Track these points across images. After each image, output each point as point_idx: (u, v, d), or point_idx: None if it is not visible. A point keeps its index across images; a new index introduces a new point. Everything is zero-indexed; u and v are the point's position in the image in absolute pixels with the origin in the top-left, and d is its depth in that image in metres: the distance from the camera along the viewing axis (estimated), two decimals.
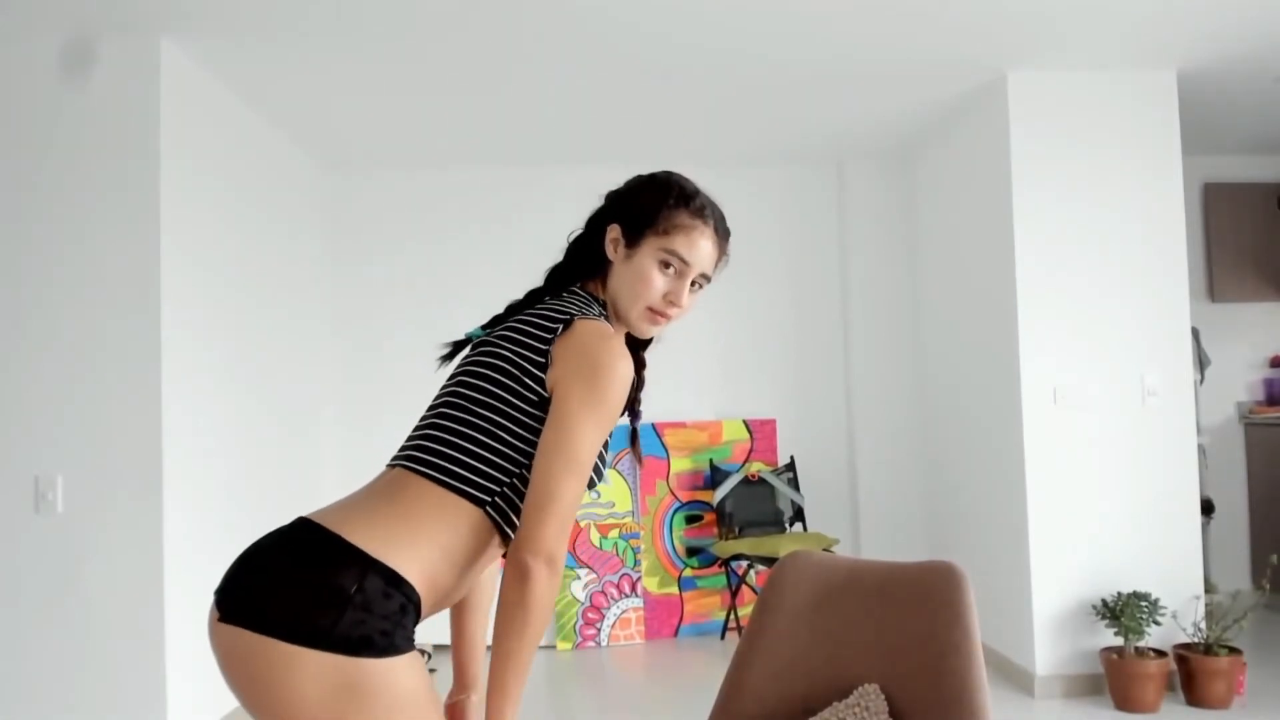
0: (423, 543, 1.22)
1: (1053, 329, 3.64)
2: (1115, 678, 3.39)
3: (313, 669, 1.12)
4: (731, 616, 4.63)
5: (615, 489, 4.71)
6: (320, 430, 4.57)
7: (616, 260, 1.42)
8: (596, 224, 1.48)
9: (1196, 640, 3.47)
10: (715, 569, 4.74)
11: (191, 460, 3.16)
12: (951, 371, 4.42)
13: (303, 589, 1.16)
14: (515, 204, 4.85)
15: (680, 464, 4.80)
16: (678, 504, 4.78)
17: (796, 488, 4.74)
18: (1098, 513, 3.61)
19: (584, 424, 1.25)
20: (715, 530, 4.74)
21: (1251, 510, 4.95)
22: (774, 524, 4.63)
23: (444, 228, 4.82)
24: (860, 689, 1.57)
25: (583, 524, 4.64)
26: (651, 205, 1.41)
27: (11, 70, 3.00)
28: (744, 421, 4.87)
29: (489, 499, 1.28)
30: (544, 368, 1.30)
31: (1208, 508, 4.50)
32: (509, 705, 1.20)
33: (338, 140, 4.20)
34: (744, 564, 4.57)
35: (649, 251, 1.39)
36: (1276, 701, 3.42)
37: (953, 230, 4.36)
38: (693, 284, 1.43)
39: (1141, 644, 3.46)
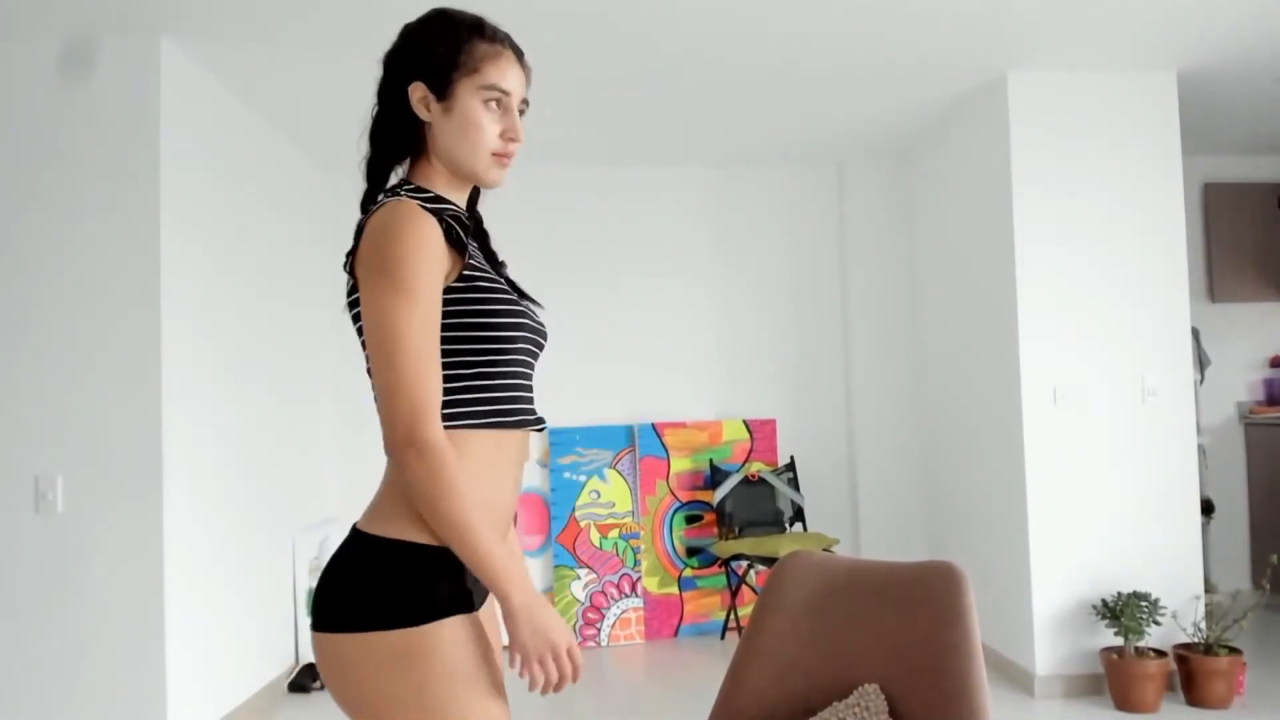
0: (400, 498, 1.23)
1: (1053, 329, 3.64)
2: (1115, 678, 3.39)
3: (355, 651, 1.19)
4: (731, 616, 4.63)
5: (615, 489, 4.71)
6: (320, 429, 4.57)
7: (433, 118, 1.31)
8: (391, 92, 1.33)
9: (1196, 640, 3.47)
10: (715, 569, 4.74)
11: (191, 460, 3.16)
12: (951, 371, 4.42)
13: (327, 581, 1.24)
14: (514, 203, 4.85)
15: (680, 464, 4.80)
16: (678, 504, 4.78)
17: (796, 488, 4.74)
18: (1098, 513, 3.61)
19: (383, 308, 1.19)
20: (715, 530, 4.74)
21: (1251, 510, 4.95)
22: (774, 524, 4.63)
23: None
24: (860, 689, 1.57)
25: (583, 524, 4.65)
26: (448, 47, 1.30)
27: (11, 70, 3.00)
28: (744, 421, 4.87)
29: None
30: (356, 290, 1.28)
31: (1208, 508, 4.50)
32: (499, 582, 1.18)
33: (337, 140, 4.20)
34: (744, 564, 4.57)
35: (467, 95, 1.29)
36: (1276, 701, 3.42)
37: (953, 230, 4.36)
38: (520, 115, 1.35)
39: (1141, 644, 3.46)
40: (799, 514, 4.70)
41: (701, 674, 4.05)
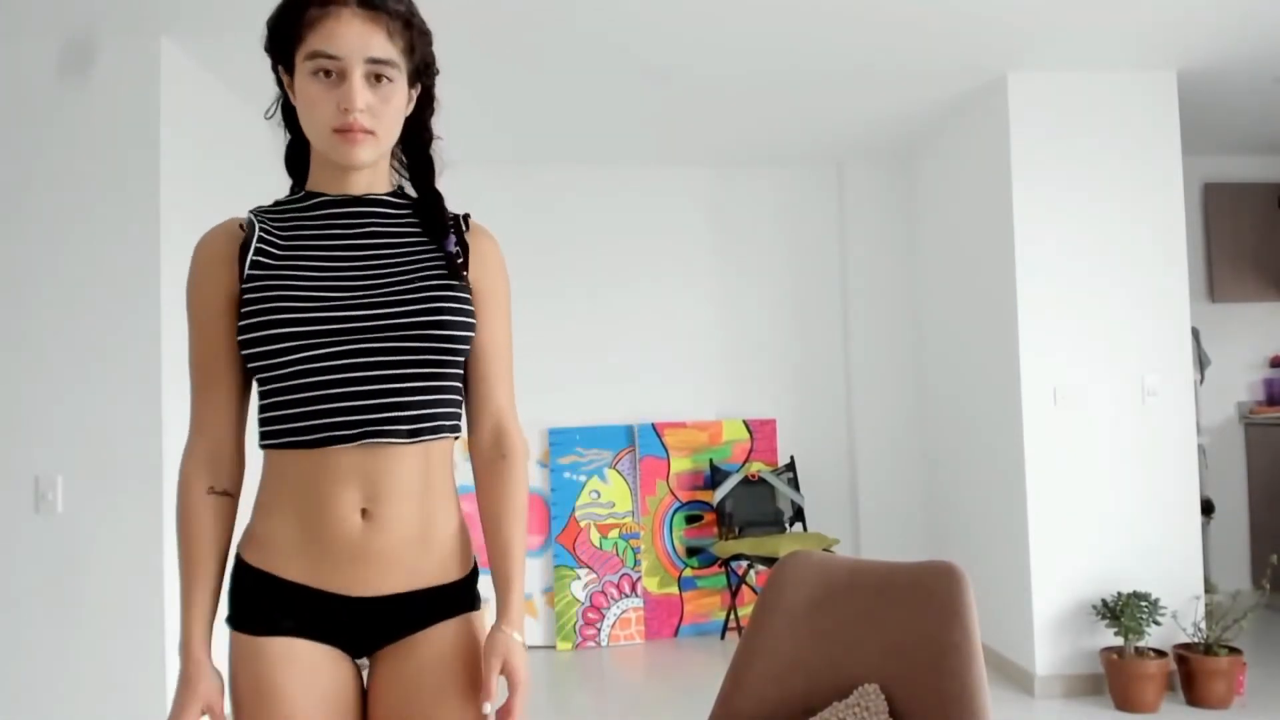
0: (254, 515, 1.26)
1: (1053, 329, 3.64)
2: (1115, 678, 3.39)
3: None
4: (731, 616, 4.63)
5: (615, 489, 4.71)
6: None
7: (296, 102, 1.23)
8: (278, 80, 1.29)
9: (1196, 640, 3.47)
10: (715, 569, 4.74)
11: None
12: (951, 371, 4.42)
13: None
14: (514, 203, 4.85)
15: (680, 464, 4.80)
16: (678, 504, 4.78)
17: (796, 488, 4.74)
18: (1098, 513, 3.61)
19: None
20: (715, 530, 4.74)
21: (1251, 510, 4.95)
22: (774, 524, 4.63)
23: None
24: (860, 689, 1.57)
25: (583, 524, 4.64)
26: (283, 23, 1.20)
27: (11, 70, 3.00)
28: (744, 421, 4.87)
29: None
30: None
31: (1208, 508, 4.50)
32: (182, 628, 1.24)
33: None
34: (744, 564, 4.57)
35: (300, 70, 1.19)
36: (1276, 701, 3.42)
37: (953, 230, 4.36)
38: (379, 78, 1.18)
39: (1141, 644, 3.46)
40: (799, 514, 4.70)
41: (701, 674, 4.05)
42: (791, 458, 4.84)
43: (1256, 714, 3.31)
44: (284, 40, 1.21)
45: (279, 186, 1.50)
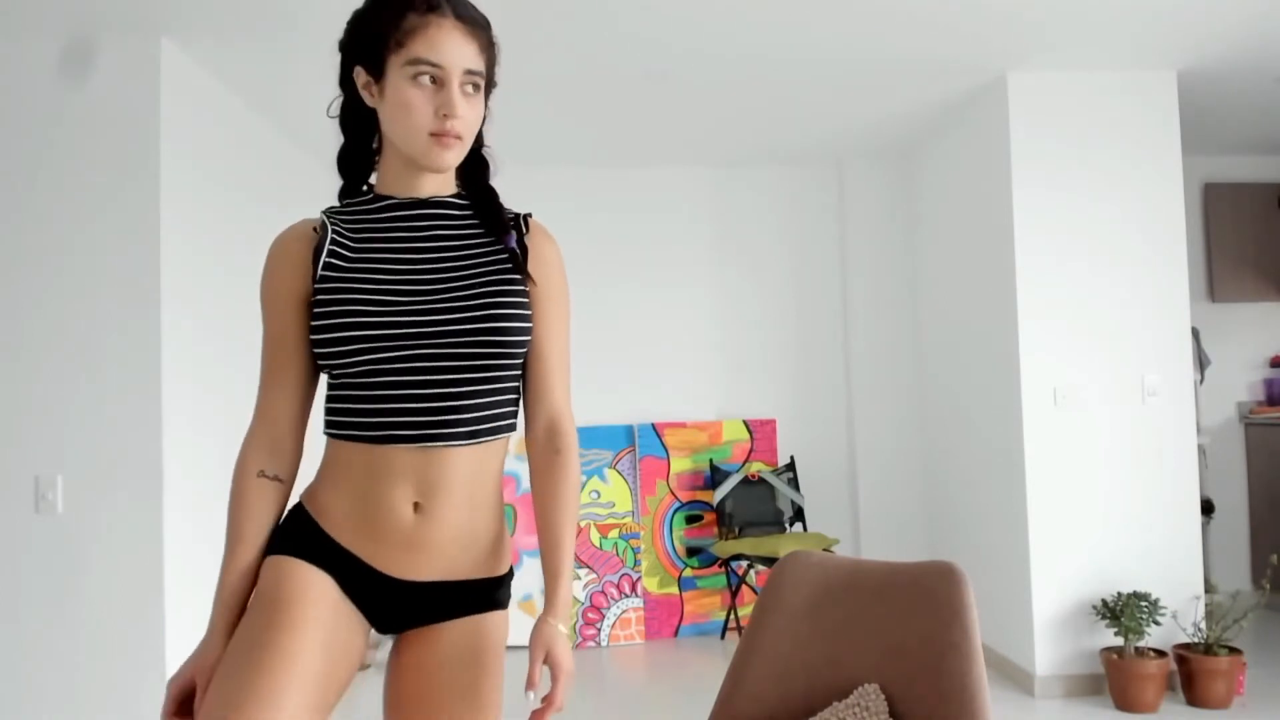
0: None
1: (1053, 329, 3.64)
2: (1115, 678, 3.39)
3: None
4: (731, 616, 4.63)
5: (615, 489, 4.71)
6: (319, 428, 4.56)
7: (377, 103, 1.28)
8: (345, 80, 1.32)
9: (1196, 640, 3.47)
10: (715, 569, 4.74)
11: (192, 460, 3.16)
12: (951, 371, 4.42)
13: None
14: (513, 204, 4.85)
15: (680, 464, 4.80)
16: (678, 504, 4.78)
17: (796, 488, 4.74)
18: (1098, 513, 3.61)
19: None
20: (715, 530, 4.74)
21: (1251, 510, 4.95)
22: (774, 524, 4.63)
23: None
24: (860, 689, 1.57)
25: (583, 524, 4.64)
26: (378, 26, 1.24)
27: (11, 70, 3.00)
28: (744, 421, 4.87)
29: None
30: None
31: (1208, 508, 4.50)
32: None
33: (337, 140, 4.20)
34: (744, 564, 4.57)
35: (396, 74, 1.23)
36: (1276, 701, 3.42)
37: (953, 230, 4.36)
38: (471, 87, 1.25)
39: (1141, 644, 3.46)
40: (799, 514, 4.70)
41: (701, 674, 4.05)
42: (791, 458, 4.84)
43: (1256, 714, 3.31)
44: (376, 42, 1.24)
45: (279, 186, 1.52)
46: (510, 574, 1.36)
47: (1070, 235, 3.66)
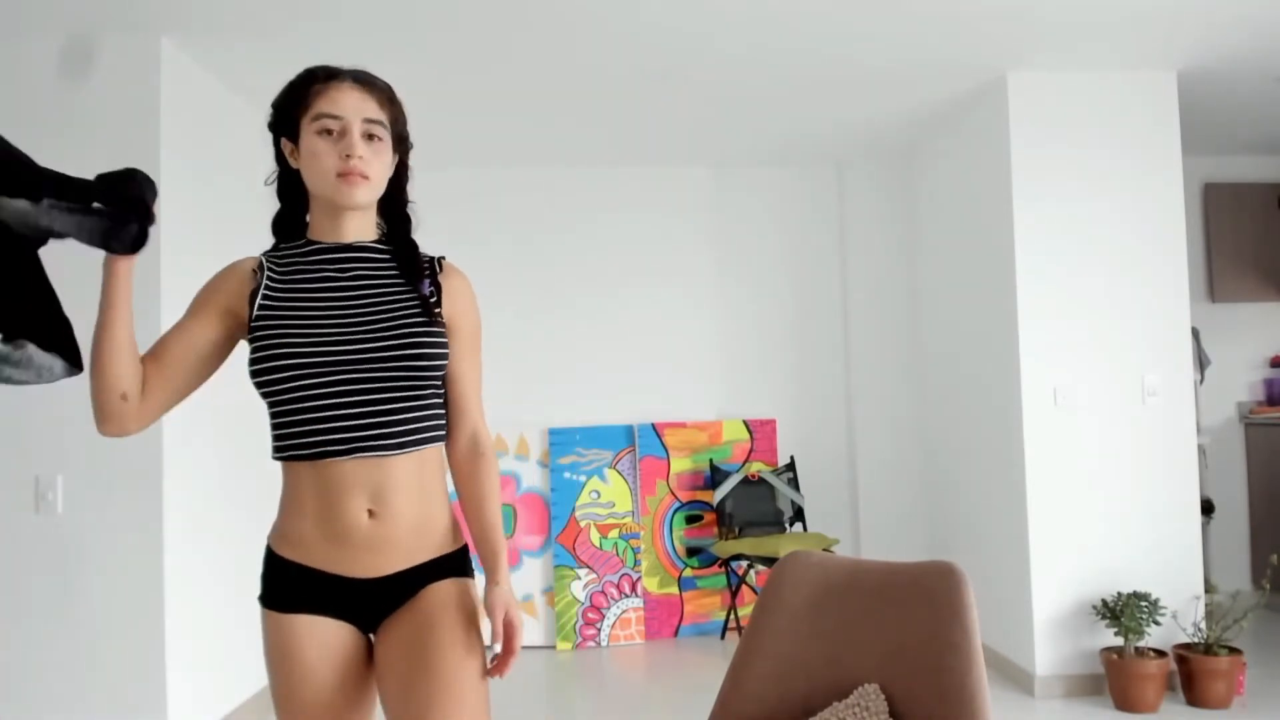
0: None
1: (1053, 329, 3.64)
2: (1115, 678, 3.39)
3: None
4: (731, 616, 4.63)
5: (615, 489, 4.71)
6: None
7: (299, 163, 1.48)
8: (278, 156, 1.54)
9: (1196, 640, 3.47)
10: (715, 569, 4.74)
11: (191, 460, 3.16)
12: (951, 371, 4.42)
13: None
14: (514, 204, 4.86)
15: (680, 464, 4.80)
16: (678, 504, 4.78)
17: (796, 488, 4.74)
18: (1098, 513, 3.61)
19: None
20: (715, 530, 4.74)
21: (1251, 510, 4.95)
22: (774, 524, 4.63)
23: (442, 227, 4.82)
24: (860, 689, 1.57)
25: (583, 524, 4.65)
26: (292, 100, 1.47)
27: (11, 70, 2.99)
28: (744, 421, 4.87)
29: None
30: None
31: (1208, 508, 4.50)
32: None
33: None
34: (744, 564, 4.57)
35: (306, 132, 1.44)
36: (1276, 701, 3.42)
37: (953, 230, 4.36)
38: (371, 137, 1.44)
39: (1141, 644, 3.46)
40: (799, 514, 4.70)
41: (701, 674, 4.05)
42: (791, 458, 4.84)
43: (1256, 714, 3.31)
44: (290, 110, 1.46)
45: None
46: (465, 549, 1.53)
47: (1070, 235, 3.66)
